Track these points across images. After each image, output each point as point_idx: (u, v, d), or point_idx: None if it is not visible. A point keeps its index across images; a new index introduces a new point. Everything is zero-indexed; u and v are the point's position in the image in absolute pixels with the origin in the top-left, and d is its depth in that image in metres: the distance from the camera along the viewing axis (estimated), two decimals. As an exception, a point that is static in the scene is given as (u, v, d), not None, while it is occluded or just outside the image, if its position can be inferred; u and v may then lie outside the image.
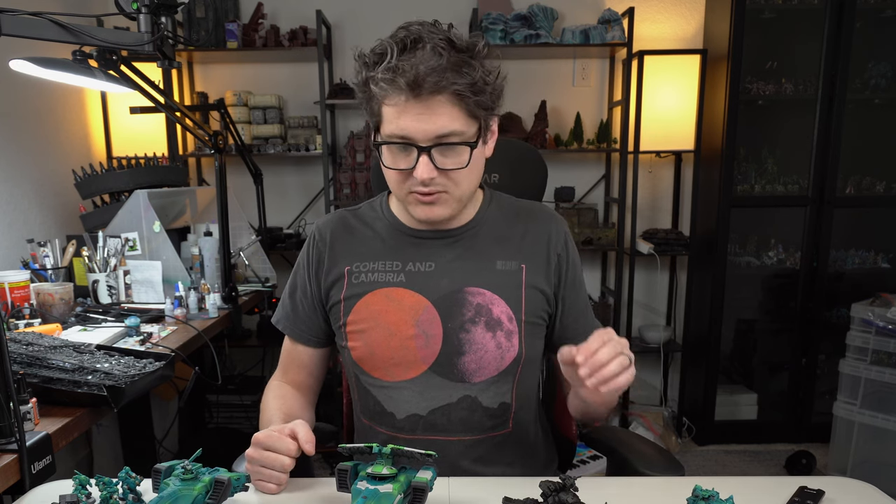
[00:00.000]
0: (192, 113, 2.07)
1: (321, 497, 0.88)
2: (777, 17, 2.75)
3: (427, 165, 0.94)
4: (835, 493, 0.87)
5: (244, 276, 2.48)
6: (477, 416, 1.04)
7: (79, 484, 0.80)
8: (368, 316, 1.05)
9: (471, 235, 1.08)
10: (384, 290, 1.05)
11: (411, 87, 0.89)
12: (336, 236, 1.12)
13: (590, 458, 2.63)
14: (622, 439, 1.15)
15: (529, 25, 2.78)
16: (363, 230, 1.12)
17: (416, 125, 0.92)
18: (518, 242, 1.09)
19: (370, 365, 1.06)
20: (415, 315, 1.04)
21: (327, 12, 2.83)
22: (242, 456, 1.06)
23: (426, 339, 1.03)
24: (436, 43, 0.90)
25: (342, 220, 1.14)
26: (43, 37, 1.28)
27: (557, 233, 1.11)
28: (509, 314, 1.04)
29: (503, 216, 1.12)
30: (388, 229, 1.11)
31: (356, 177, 2.90)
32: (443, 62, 0.89)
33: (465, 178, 0.99)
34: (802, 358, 2.91)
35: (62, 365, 1.21)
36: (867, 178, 2.83)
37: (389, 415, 1.05)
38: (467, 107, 0.93)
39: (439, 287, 1.05)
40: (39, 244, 1.98)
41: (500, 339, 1.03)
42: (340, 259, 1.10)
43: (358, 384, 1.10)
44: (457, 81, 0.90)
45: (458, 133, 0.94)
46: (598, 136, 2.97)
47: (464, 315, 1.03)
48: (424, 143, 0.93)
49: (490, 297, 1.04)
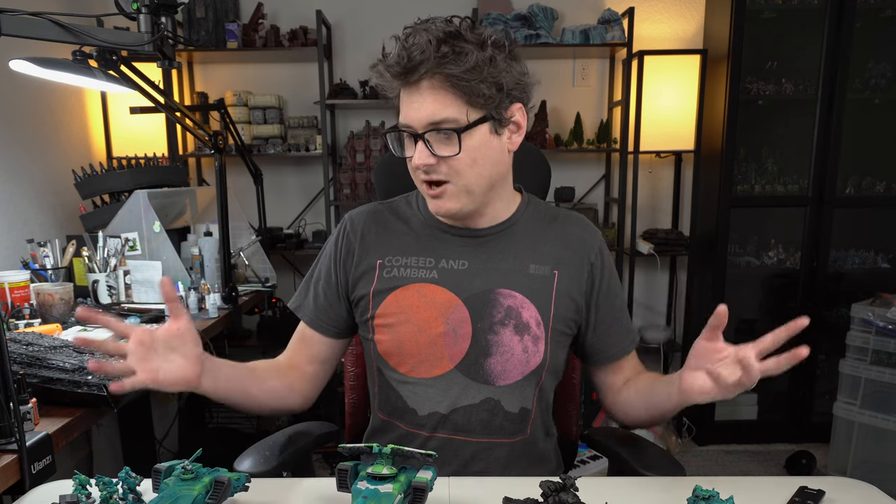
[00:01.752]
0: (192, 113, 2.08)
1: (321, 497, 0.88)
2: (777, 17, 2.74)
3: (422, 152, 0.95)
4: (835, 493, 0.87)
5: (244, 276, 2.48)
6: (498, 420, 1.04)
7: (79, 484, 0.80)
8: (398, 310, 1.04)
9: (505, 236, 1.08)
10: (416, 285, 1.05)
11: (401, 74, 0.93)
12: (368, 228, 1.11)
13: (590, 458, 2.63)
14: (622, 440, 1.14)
15: (529, 25, 2.78)
16: (397, 224, 1.11)
17: (410, 112, 0.95)
18: (552, 248, 1.08)
19: (396, 359, 1.05)
20: (445, 312, 1.03)
21: (327, 12, 2.83)
22: (243, 455, 1.06)
23: (455, 338, 1.03)
24: (431, 33, 0.91)
25: (376, 213, 1.13)
26: (43, 37, 1.28)
27: (592, 241, 1.11)
28: (538, 319, 1.04)
29: (539, 220, 1.11)
30: (423, 225, 1.10)
31: (356, 177, 2.90)
32: (431, 49, 0.90)
33: (465, 168, 0.97)
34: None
35: (62, 365, 1.21)
36: (867, 178, 2.83)
37: (411, 411, 1.05)
38: (464, 93, 0.92)
39: (472, 286, 1.04)
40: (39, 244, 1.98)
41: (526, 343, 1.03)
42: (372, 251, 1.09)
43: (380, 378, 1.09)
44: (446, 67, 0.90)
45: (452, 120, 0.93)
46: (598, 136, 2.97)
47: (494, 316, 1.03)
48: (420, 129, 0.94)
49: (521, 301, 1.04)
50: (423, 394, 1.04)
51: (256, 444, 1.09)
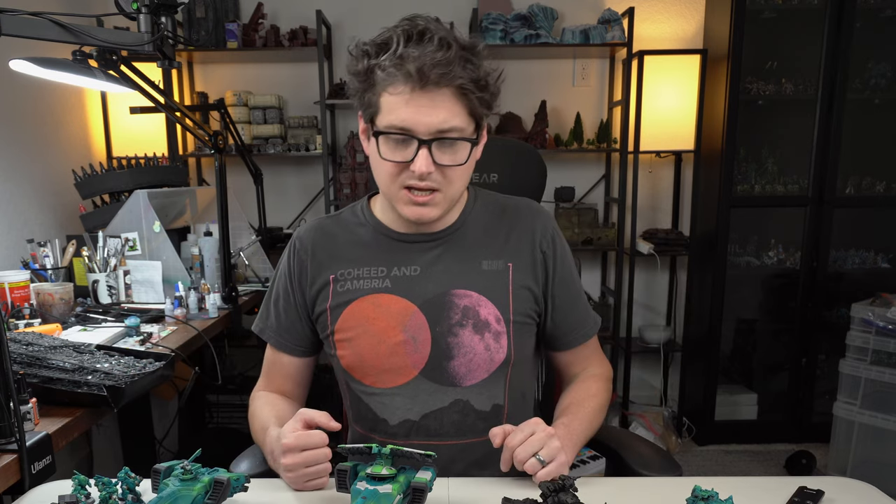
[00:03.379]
0: (192, 113, 2.07)
1: (321, 497, 0.88)
2: (777, 17, 2.74)
3: (426, 159, 0.93)
4: (835, 493, 0.87)
5: (244, 276, 2.48)
6: (470, 420, 1.03)
7: (78, 484, 0.80)
8: (356, 324, 1.04)
9: (456, 237, 1.07)
10: (370, 296, 1.04)
11: (418, 77, 0.88)
12: (318, 244, 1.10)
13: (589, 458, 2.62)
14: (621, 440, 1.14)
15: (529, 25, 2.78)
16: (345, 236, 1.10)
17: (418, 117, 0.91)
18: (503, 241, 1.07)
19: (360, 373, 1.05)
20: (402, 321, 1.02)
21: (327, 12, 2.83)
22: (242, 456, 1.06)
23: (415, 345, 1.02)
24: (442, 36, 0.90)
25: (323, 228, 1.12)
26: (43, 37, 1.28)
27: (544, 229, 1.09)
28: (497, 315, 1.03)
29: (488, 215, 1.10)
30: (372, 234, 1.09)
31: (356, 177, 2.90)
32: (450, 55, 0.88)
33: (459, 177, 0.98)
34: (802, 358, 2.91)
35: (62, 365, 1.21)
36: (867, 178, 2.83)
37: (382, 421, 1.05)
38: (469, 103, 0.93)
39: (425, 291, 1.03)
40: (39, 244, 1.98)
41: (488, 341, 1.02)
42: (324, 267, 1.08)
43: (350, 392, 1.09)
44: (462, 76, 0.90)
45: (459, 129, 0.93)
46: (598, 136, 2.97)
47: (451, 318, 1.02)
48: (425, 135, 0.92)
49: (477, 299, 1.03)
50: (391, 403, 1.04)
51: (254, 445, 1.09)
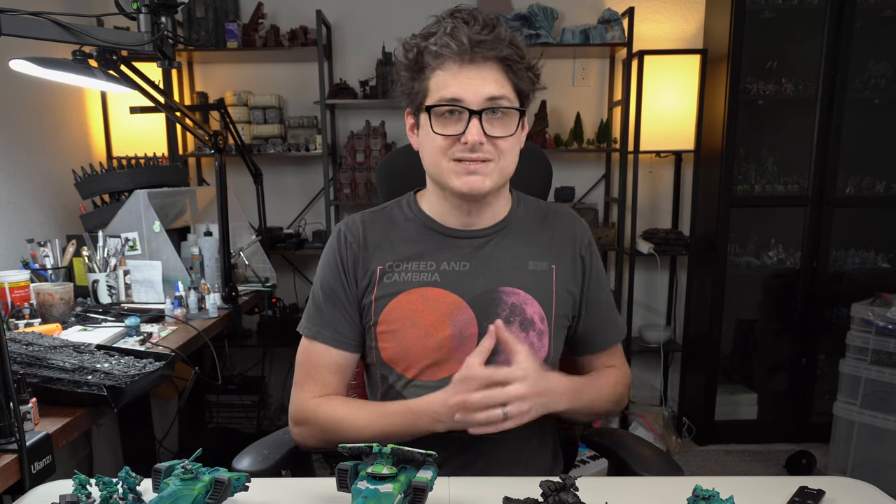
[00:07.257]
0: (192, 113, 2.07)
1: (321, 497, 0.88)
2: (777, 17, 2.74)
3: (477, 128, 0.96)
4: (835, 493, 0.87)
5: (244, 276, 2.48)
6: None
7: (79, 484, 0.80)
8: (402, 316, 1.04)
9: (503, 234, 1.09)
10: (419, 290, 1.05)
11: (469, 47, 0.94)
12: (369, 236, 1.10)
13: (590, 458, 2.63)
14: (621, 441, 1.15)
15: (529, 25, 2.78)
16: (393, 229, 1.11)
17: (467, 88, 0.95)
18: (547, 243, 1.10)
19: (403, 365, 1.06)
20: (451, 315, 1.04)
21: (327, 12, 2.83)
22: (243, 453, 1.06)
23: (461, 339, 1.04)
24: (487, 17, 0.96)
25: (370, 222, 1.12)
26: (43, 37, 1.28)
27: (583, 234, 1.13)
28: (541, 314, 1.06)
29: (531, 217, 1.13)
30: (420, 228, 1.10)
31: (356, 177, 2.90)
32: (496, 33, 0.95)
33: (510, 150, 1.00)
34: (802, 358, 2.91)
35: (62, 365, 1.21)
36: (867, 177, 2.83)
37: None
38: (514, 77, 0.98)
39: (474, 286, 1.05)
40: (39, 244, 1.98)
41: (532, 339, 1.05)
42: (374, 259, 1.08)
43: (384, 385, 1.09)
44: (507, 49, 0.95)
45: (507, 98, 0.97)
46: (598, 136, 2.97)
47: (499, 315, 1.04)
48: (475, 105, 0.95)
49: (524, 297, 1.05)
50: None
51: (255, 442, 1.09)
